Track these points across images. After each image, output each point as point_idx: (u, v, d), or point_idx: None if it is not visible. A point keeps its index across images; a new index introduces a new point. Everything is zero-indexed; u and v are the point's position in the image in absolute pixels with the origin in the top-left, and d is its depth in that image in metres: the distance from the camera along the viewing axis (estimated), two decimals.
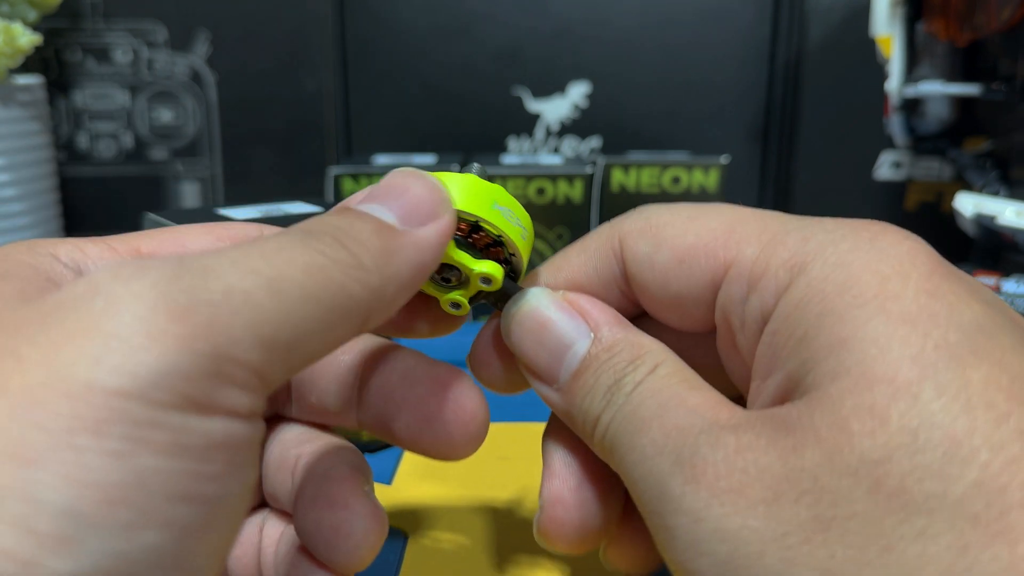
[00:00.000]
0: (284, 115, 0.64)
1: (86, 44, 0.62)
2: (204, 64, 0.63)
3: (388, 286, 0.16)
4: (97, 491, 0.11)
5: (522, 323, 0.19)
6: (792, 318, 0.15)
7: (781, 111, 0.64)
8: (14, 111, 0.52)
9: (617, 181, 0.53)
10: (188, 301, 0.13)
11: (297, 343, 0.14)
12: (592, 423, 0.18)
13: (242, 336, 0.13)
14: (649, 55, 0.64)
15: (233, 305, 0.13)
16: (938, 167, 0.62)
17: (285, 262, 0.14)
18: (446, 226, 0.17)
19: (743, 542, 0.14)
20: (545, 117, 0.65)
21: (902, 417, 0.13)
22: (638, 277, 0.19)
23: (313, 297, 0.14)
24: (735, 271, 0.17)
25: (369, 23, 0.63)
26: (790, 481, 0.14)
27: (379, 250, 0.16)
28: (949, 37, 0.49)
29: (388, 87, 0.64)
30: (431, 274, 0.18)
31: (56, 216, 0.58)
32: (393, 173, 0.18)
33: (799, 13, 0.62)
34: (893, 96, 0.52)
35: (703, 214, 0.18)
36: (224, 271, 0.13)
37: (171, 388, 0.12)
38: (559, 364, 0.19)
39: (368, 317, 0.16)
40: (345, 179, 0.51)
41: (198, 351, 0.12)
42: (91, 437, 0.12)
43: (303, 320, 0.14)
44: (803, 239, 0.16)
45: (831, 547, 0.13)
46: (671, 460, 0.15)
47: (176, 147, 0.64)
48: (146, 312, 0.12)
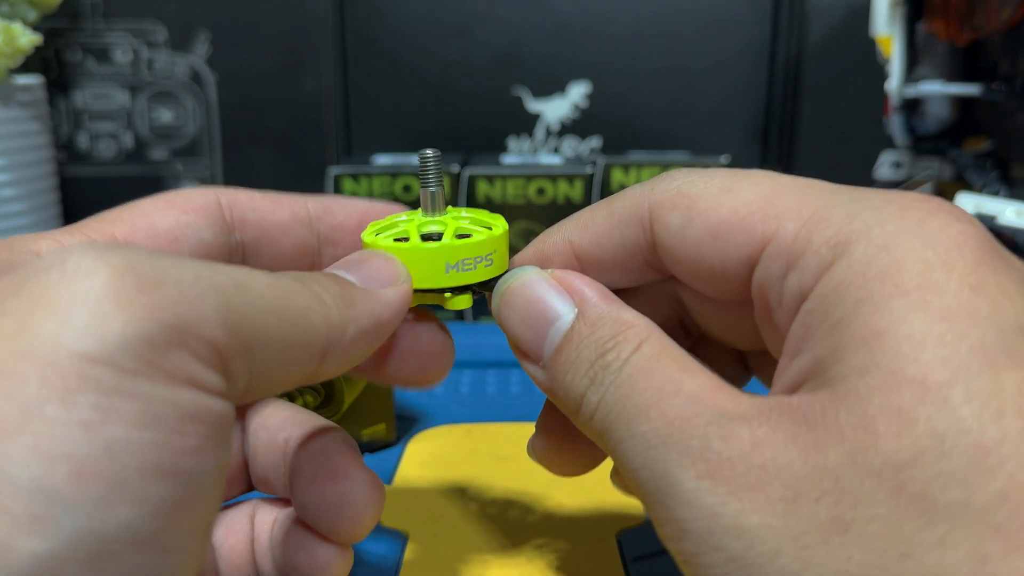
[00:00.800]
0: (284, 115, 0.64)
1: (86, 44, 0.62)
2: (204, 64, 0.63)
3: (348, 326, 0.17)
4: (68, 464, 0.11)
5: (509, 301, 0.19)
6: (829, 301, 0.15)
7: (781, 111, 0.64)
8: (14, 111, 0.52)
9: (617, 181, 0.53)
10: (158, 276, 0.13)
11: (259, 345, 0.14)
12: (576, 400, 0.17)
13: (208, 315, 0.13)
14: (649, 55, 0.64)
15: (201, 288, 0.13)
16: (938, 167, 0.62)
17: (253, 276, 0.15)
18: (404, 291, 0.18)
19: (760, 540, 0.13)
20: (545, 117, 0.65)
21: (930, 421, 0.13)
22: (669, 249, 0.18)
23: (275, 310, 0.15)
24: (774, 247, 0.16)
25: (369, 23, 0.63)
26: (811, 480, 0.13)
27: (339, 295, 0.17)
28: (949, 37, 0.49)
29: (388, 87, 0.64)
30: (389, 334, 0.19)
31: (56, 216, 0.58)
32: (354, 253, 0.19)
33: (799, 13, 0.62)
34: (893, 96, 0.52)
35: (738, 184, 0.17)
36: (195, 264, 0.14)
37: (138, 354, 0.12)
38: (543, 340, 0.18)
39: (327, 350, 0.16)
40: (345, 179, 0.51)
41: (165, 321, 0.13)
42: (60, 407, 0.11)
43: (266, 325, 0.14)
44: (848, 216, 0.15)
45: (849, 549, 0.13)
46: (679, 451, 0.15)
47: (176, 147, 0.64)
48: (116, 280, 0.12)
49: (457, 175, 0.52)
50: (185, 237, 0.19)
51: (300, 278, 0.16)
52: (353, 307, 0.17)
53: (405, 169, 0.51)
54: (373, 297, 0.18)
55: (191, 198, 0.20)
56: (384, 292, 0.18)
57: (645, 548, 0.26)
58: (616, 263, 0.20)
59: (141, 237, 0.19)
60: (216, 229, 0.20)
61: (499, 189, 0.52)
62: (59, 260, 0.13)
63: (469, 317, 0.55)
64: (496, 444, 0.34)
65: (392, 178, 0.51)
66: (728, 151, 0.63)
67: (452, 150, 0.62)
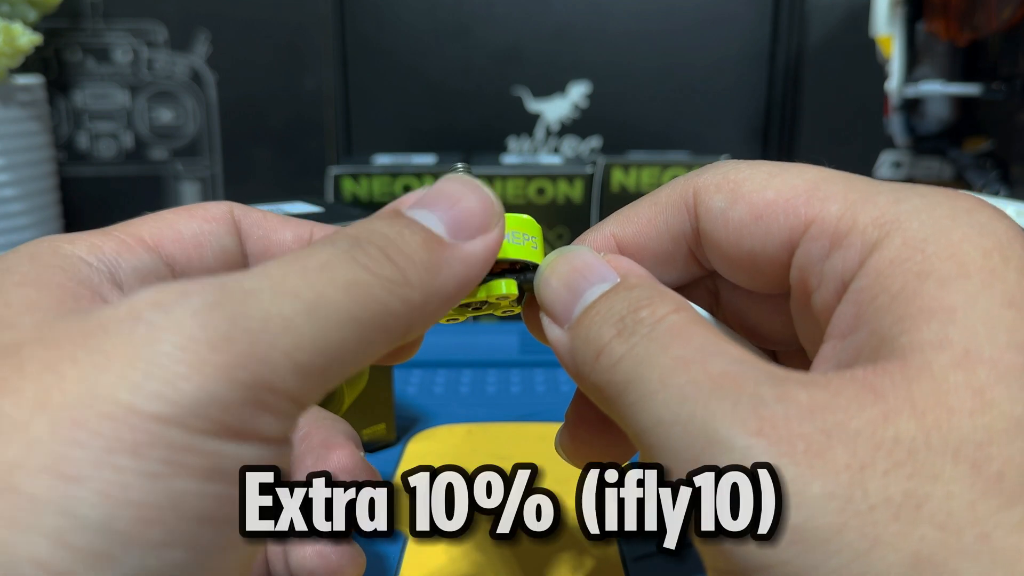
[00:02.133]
0: (284, 115, 0.64)
1: (86, 44, 0.62)
2: (204, 64, 0.63)
3: (430, 301, 0.16)
4: (133, 510, 0.12)
5: (555, 267, 0.18)
6: (885, 275, 0.14)
7: (781, 111, 0.64)
8: (14, 111, 0.52)
9: (617, 181, 0.53)
10: (228, 330, 0.13)
11: (333, 365, 0.14)
12: (595, 352, 0.16)
13: (280, 364, 0.13)
14: (649, 55, 0.64)
15: (272, 333, 0.13)
16: (938, 167, 0.62)
17: (327, 282, 0.14)
18: (494, 241, 0.17)
19: (821, 510, 0.12)
20: (545, 117, 0.65)
21: (1006, 402, 0.13)
22: (711, 234, 0.18)
23: (353, 318, 0.14)
24: (817, 228, 0.16)
25: (369, 23, 0.63)
26: (880, 450, 0.12)
27: (425, 265, 0.16)
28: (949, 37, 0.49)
29: (388, 87, 0.64)
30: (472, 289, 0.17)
31: (56, 216, 0.58)
32: (447, 179, 0.18)
33: (799, 13, 0.62)
34: (893, 96, 0.52)
35: (785, 171, 0.17)
36: (264, 296, 0.14)
37: (209, 416, 0.13)
38: (576, 300, 0.17)
39: (406, 334, 0.16)
40: (345, 179, 0.51)
41: (236, 380, 0.13)
42: (130, 458, 0.12)
43: (341, 342, 0.14)
44: (895, 200, 0.15)
45: (922, 527, 0.12)
46: (727, 406, 0.13)
47: (176, 147, 0.64)
48: (186, 341, 0.13)
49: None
50: (208, 243, 0.20)
51: (387, 246, 0.15)
52: (438, 276, 0.16)
53: (405, 169, 0.51)
54: (460, 258, 0.16)
55: (209, 208, 0.20)
56: (473, 248, 0.17)
57: (645, 548, 0.26)
58: (659, 253, 0.19)
59: (168, 242, 0.19)
60: (235, 237, 0.20)
61: (499, 189, 0.52)
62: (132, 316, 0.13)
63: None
64: (496, 444, 0.34)
65: (392, 178, 0.51)
66: (728, 151, 0.63)
67: (452, 150, 0.62)
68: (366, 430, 0.33)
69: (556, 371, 0.43)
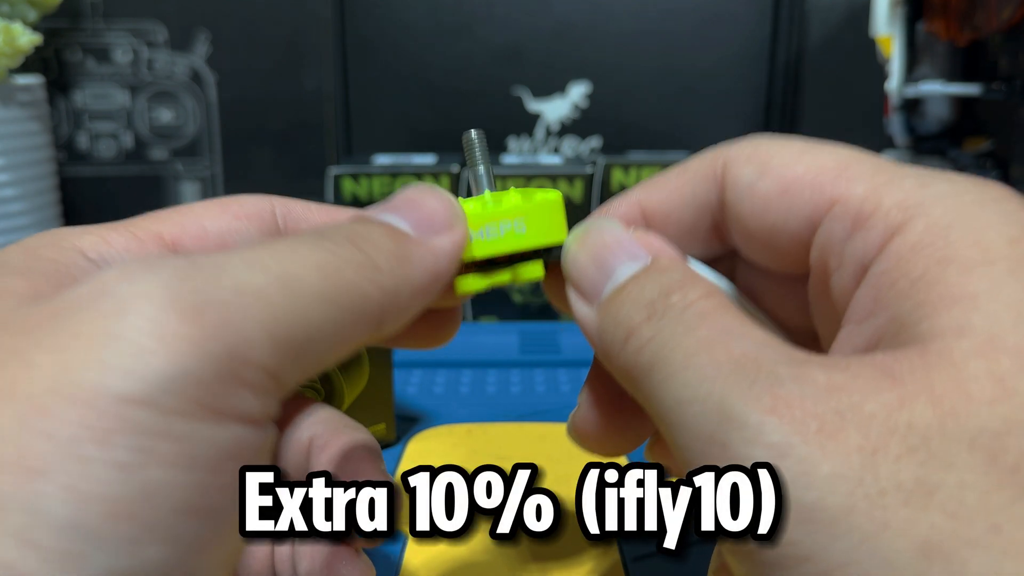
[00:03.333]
0: (284, 115, 0.64)
1: (86, 44, 0.62)
2: (204, 64, 0.63)
3: (402, 289, 0.16)
4: (102, 504, 0.11)
5: (584, 240, 0.18)
6: (907, 259, 0.14)
7: (781, 111, 0.64)
8: (14, 111, 0.52)
9: (617, 181, 0.53)
10: (199, 300, 0.12)
11: (311, 343, 0.14)
12: (625, 334, 0.16)
13: (255, 336, 0.13)
14: (649, 55, 0.64)
15: (245, 303, 0.13)
16: (938, 167, 0.62)
17: (297, 261, 0.14)
18: (459, 237, 0.17)
19: (831, 491, 0.12)
20: (545, 117, 0.65)
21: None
22: (735, 205, 0.18)
23: (326, 297, 0.14)
24: (840, 208, 0.16)
25: (369, 22, 0.63)
26: (895, 435, 0.12)
27: (393, 253, 0.16)
28: (949, 37, 0.49)
29: (388, 87, 0.64)
30: (444, 286, 0.18)
31: (56, 216, 0.58)
32: (407, 188, 0.18)
33: (799, 13, 0.62)
34: (893, 96, 0.52)
35: (816, 148, 0.17)
36: (235, 268, 0.13)
37: (182, 393, 0.12)
38: (606, 278, 0.17)
39: (381, 320, 0.16)
40: (345, 179, 0.51)
41: (210, 353, 0.12)
42: (98, 447, 0.11)
43: (317, 319, 0.14)
44: (920, 184, 0.15)
45: (932, 515, 0.12)
46: (744, 384, 0.13)
47: (176, 147, 0.64)
48: (155, 313, 0.12)
49: (457, 175, 0.52)
50: (234, 242, 0.19)
51: (353, 237, 0.15)
52: (407, 264, 0.16)
53: (405, 169, 0.51)
54: (428, 250, 0.17)
55: (245, 203, 0.19)
56: (440, 242, 0.17)
57: (645, 548, 0.26)
58: (683, 223, 0.19)
59: (189, 239, 0.18)
60: (268, 237, 0.19)
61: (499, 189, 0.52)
62: (98, 291, 0.13)
63: (469, 317, 0.55)
64: (496, 444, 0.34)
65: (392, 178, 0.51)
66: None
67: (452, 150, 0.62)
68: None
69: (556, 371, 0.43)
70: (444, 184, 0.51)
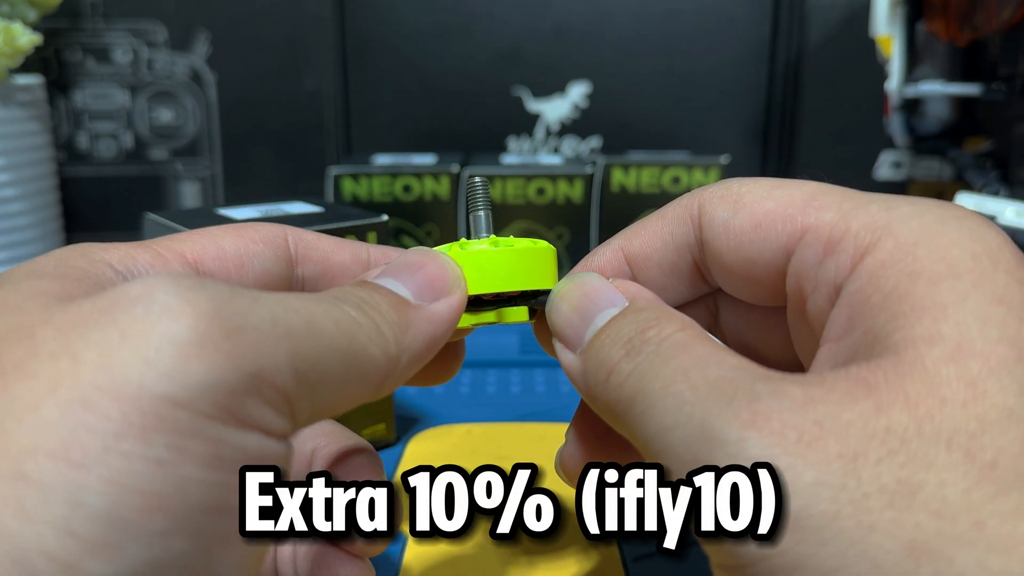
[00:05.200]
0: (284, 115, 0.64)
1: (86, 44, 0.62)
2: (204, 64, 0.63)
3: (403, 356, 0.17)
4: (139, 498, 0.12)
5: (565, 294, 0.19)
6: (878, 276, 0.15)
7: (781, 111, 0.64)
8: (14, 111, 0.52)
9: (617, 181, 0.53)
10: (240, 322, 0.13)
11: (322, 387, 0.15)
12: (607, 372, 0.17)
13: (281, 363, 0.14)
14: (649, 55, 0.64)
15: (278, 335, 0.14)
16: (938, 167, 0.62)
17: (320, 312, 0.15)
18: (458, 301, 0.18)
19: (815, 499, 0.12)
20: (545, 117, 0.65)
21: (999, 393, 0.13)
22: (713, 242, 0.19)
23: (340, 350, 0.15)
24: (812, 235, 0.17)
25: (369, 23, 0.63)
26: (874, 440, 0.13)
27: (396, 322, 0.17)
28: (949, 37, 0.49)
29: (388, 87, 0.64)
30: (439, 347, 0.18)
31: (56, 216, 0.58)
32: (409, 252, 0.19)
33: (799, 13, 0.62)
34: (893, 96, 0.52)
35: (784, 184, 0.18)
36: (271, 303, 0.14)
37: (215, 400, 0.13)
38: (587, 325, 0.18)
39: (382, 383, 0.17)
40: (345, 179, 0.51)
41: (243, 369, 0.13)
42: (138, 444, 0.12)
43: (329, 367, 0.15)
44: (886, 208, 0.16)
45: (917, 514, 0.12)
46: (723, 403, 0.14)
47: (176, 147, 0.64)
48: (201, 324, 0.13)
49: (457, 175, 0.52)
50: (251, 264, 0.20)
51: (361, 306, 0.16)
52: (408, 332, 0.17)
53: (405, 169, 0.51)
54: (427, 317, 0.18)
55: (260, 229, 0.20)
56: (438, 309, 0.18)
57: (645, 548, 0.26)
58: (665, 264, 0.20)
59: (210, 259, 0.19)
60: (281, 263, 0.20)
61: (499, 189, 0.52)
62: (147, 294, 0.13)
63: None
64: (496, 444, 0.34)
65: (392, 178, 0.51)
66: (728, 151, 0.63)
67: (452, 150, 0.62)
68: (366, 430, 0.33)
69: (556, 371, 0.43)
70: (444, 183, 0.51)
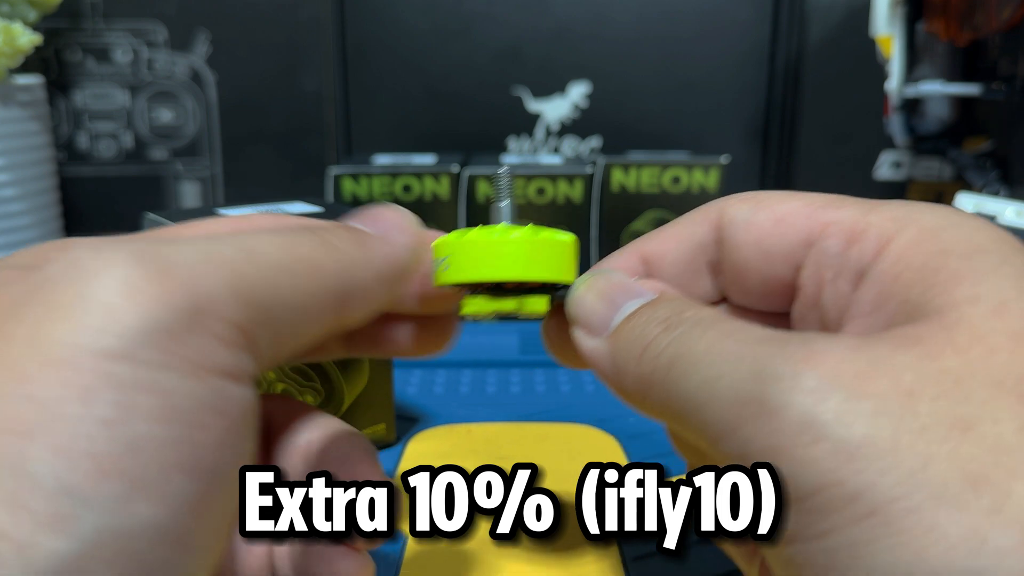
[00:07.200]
0: (284, 115, 0.64)
1: (86, 44, 0.62)
2: (204, 64, 0.63)
3: (358, 267, 0.17)
4: (90, 462, 0.11)
5: (592, 284, 0.19)
6: (906, 256, 0.15)
7: (781, 111, 0.64)
8: (14, 111, 0.52)
9: (617, 181, 0.53)
10: (163, 263, 0.13)
11: (276, 307, 0.14)
12: (641, 347, 0.16)
13: (219, 291, 0.13)
14: (649, 55, 0.64)
15: (209, 265, 0.14)
16: (938, 167, 0.62)
17: (258, 240, 0.15)
18: (413, 238, 0.18)
19: (876, 428, 0.12)
20: (545, 117, 0.65)
21: None
22: (732, 238, 0.19)
23: (285, 266, 0.15)
24: (834, 227, 0.17)
25: (369, 23, 0.63)
26: (928, 379, 0.13)
27: (350, 238, 0.17)
28: (949, 37, 0.49)
29: (388, 87, 0.64)
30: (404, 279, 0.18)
31: (56, 216, 0.58)
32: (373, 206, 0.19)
33: (799, 13, 0.62)
34: (893, 96, 0.52)
35: (802, 193, 0.19)
36: (200, 241, 0.14)
37: (156, 345, 0.12)
38: (615, 312, 0.18)
39: (345, 294, 0.16)
40: (345, 179, 0.51)
41: (177, 306, 0.13)
42: (81, 405, 0.12)
43: (279, 285, 0.15)
44: (904, 205, 0.17)
45: (972, 448, 0.12)
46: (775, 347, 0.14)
47: (176, 147, 0.64)
48: (124, 274, 0.13)
49: (457, 175, 0.52)
50: None
51: (310, 227, 0.16)
52: (365, 247, 0.17)
53: (405, 169, 0.51)
54: (385, 240, 0.18)
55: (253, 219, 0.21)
56: (397, 236, 0.18)
57: (645, 548, 0.26)
58: (680, 260, 0.20)
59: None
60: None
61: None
62: (64, 262, 0.13)
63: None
64: (496, 444, 0.34)
65: (392, 178, 0.51)
66: (728, 151, 0.63)
67: (452, 150, 0.62)
68: (366, 430, 0.33)
69: (556, 371, 0.43)
70: (444, 184, 0.51)
